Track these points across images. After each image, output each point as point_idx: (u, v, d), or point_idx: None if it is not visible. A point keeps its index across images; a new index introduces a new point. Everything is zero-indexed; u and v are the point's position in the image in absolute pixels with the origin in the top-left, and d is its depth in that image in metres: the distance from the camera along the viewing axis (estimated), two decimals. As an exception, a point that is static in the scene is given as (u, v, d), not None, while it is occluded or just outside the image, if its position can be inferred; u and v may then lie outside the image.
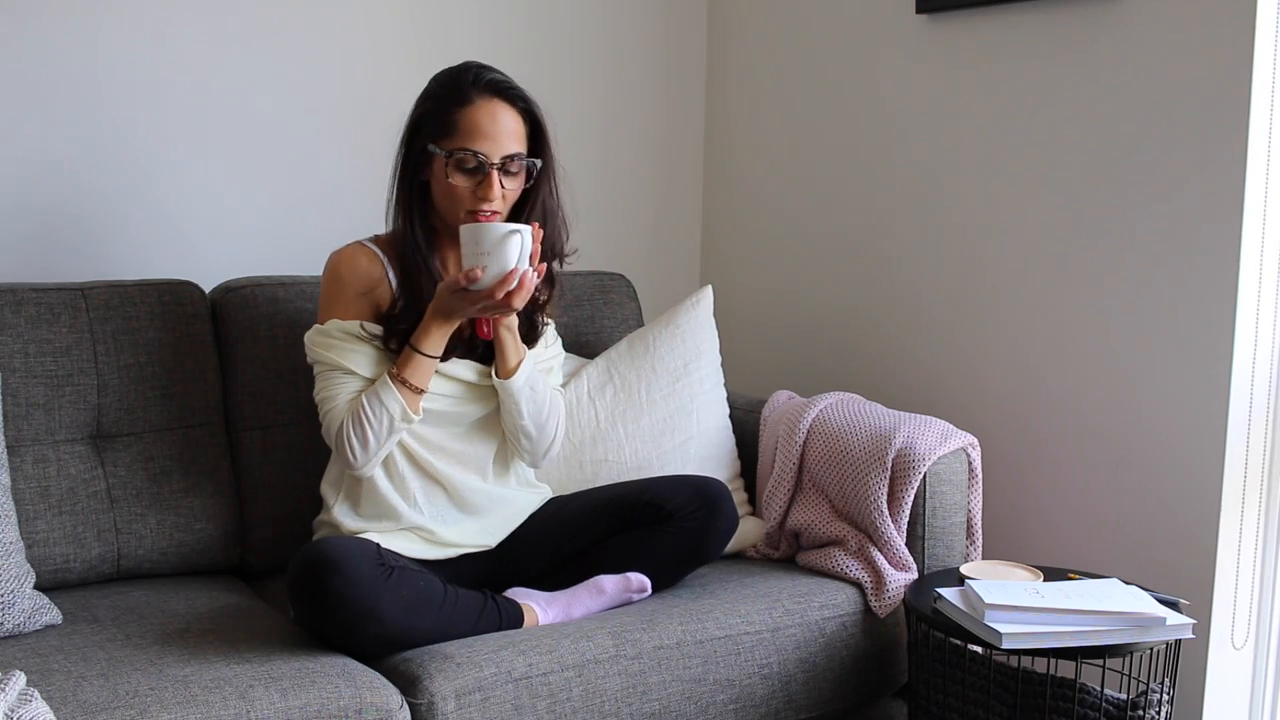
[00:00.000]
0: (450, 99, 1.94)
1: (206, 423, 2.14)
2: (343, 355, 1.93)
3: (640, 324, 2.58)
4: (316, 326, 1.97)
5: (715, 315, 2.44)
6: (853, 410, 2.28)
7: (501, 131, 1.93)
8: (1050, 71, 2.31)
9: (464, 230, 1.87)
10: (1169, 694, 1.87)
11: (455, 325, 1.92)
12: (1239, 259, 2.06)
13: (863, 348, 2.69)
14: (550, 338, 2.15)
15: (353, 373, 1.93)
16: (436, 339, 1.91)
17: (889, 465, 2.14)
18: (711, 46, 3.00)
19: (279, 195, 2.48)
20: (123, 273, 2.29)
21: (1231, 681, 2.18)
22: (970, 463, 2.22)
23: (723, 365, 2.43)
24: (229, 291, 2.20)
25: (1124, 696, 1.89)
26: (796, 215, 2.84)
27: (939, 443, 2.17)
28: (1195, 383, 2.13)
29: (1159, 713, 1.85)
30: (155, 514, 2.06)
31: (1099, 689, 1.88)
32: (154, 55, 2.32)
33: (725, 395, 2.41)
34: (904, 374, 2.61)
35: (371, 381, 1.93)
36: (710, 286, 2.46)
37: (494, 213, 1.94)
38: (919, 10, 2.51)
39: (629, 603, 2.00)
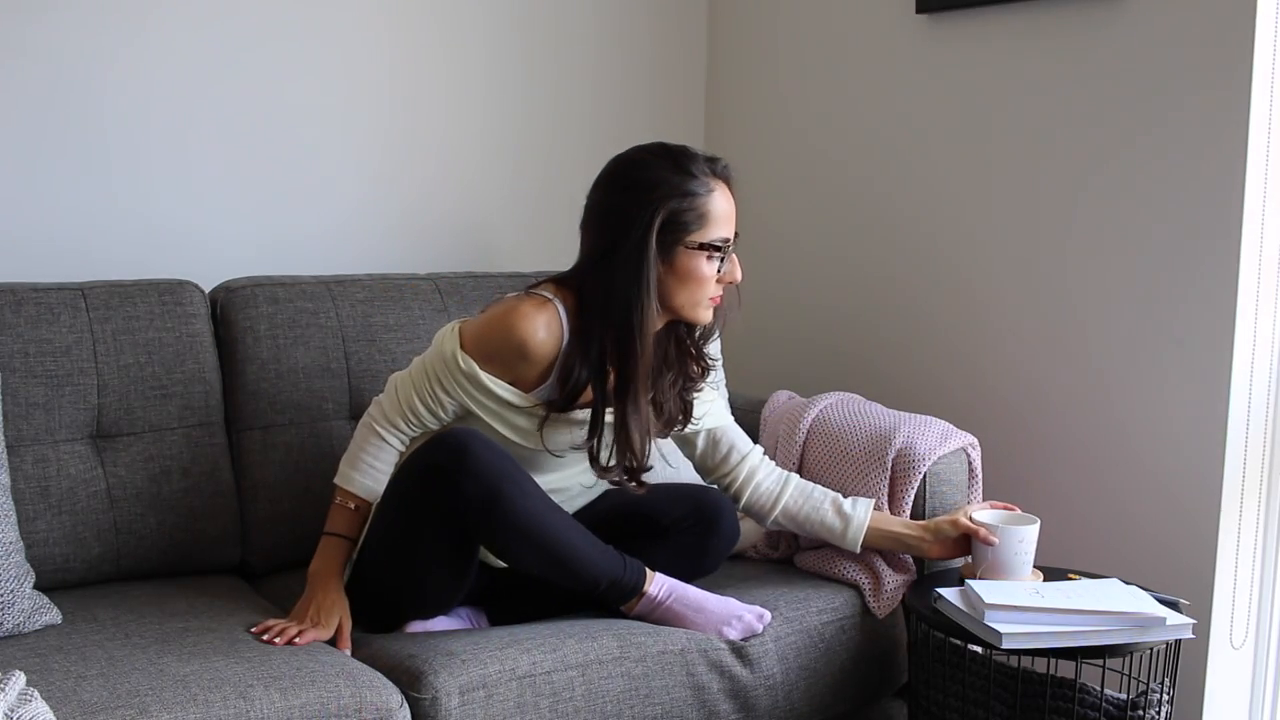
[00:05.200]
0: (693, 192, 1.85)
1: (206, 423, 2.13)
2: (458, 391, 1.88)
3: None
4: (457, 351, 1.86)
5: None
6: (853, 410, 2.28)
7: (732, 213, 1.90)
8: (1050, 71, 2.31)
9: (1016, 531, 1.96)
10: (1169, 694, 1.87)
11: None
12: (1239, 259, 2.07)
13: (863, 348, 2.69)
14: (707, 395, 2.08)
15: (452, 404, 1.89)
16: None
17: (889, 465, 2.14)
18: (711, 47, 3.00)
19: (279, 195, 2.48)
20: (123, 273, 2.28)
21: (1231, 681, 2.18)
22: (970, 463, 2.22)
23: (723, 365, 2.43)
24: (229, 291, 2.20)
25: (1124, 696, 1.89)
26: (796, 215, 2.84)
27: (939, 443, 2.17)
28: (1195, 383, 2.13)
29: (1159, 713, 1.85)
30: (155, 514, 2.06)
31: (1099, 689, 1.88)
32: (154, 55, 2.32)
33: (726, 396, 2.41)
34: (904, 374, 2.61)
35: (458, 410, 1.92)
36: (710, 287, 2.46)
37: (721, 296, 1.92)
38: (919, 10, 2.51)
39: (736, 621, 1.94)
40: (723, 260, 1.88)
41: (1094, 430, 2.29)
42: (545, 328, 1.85)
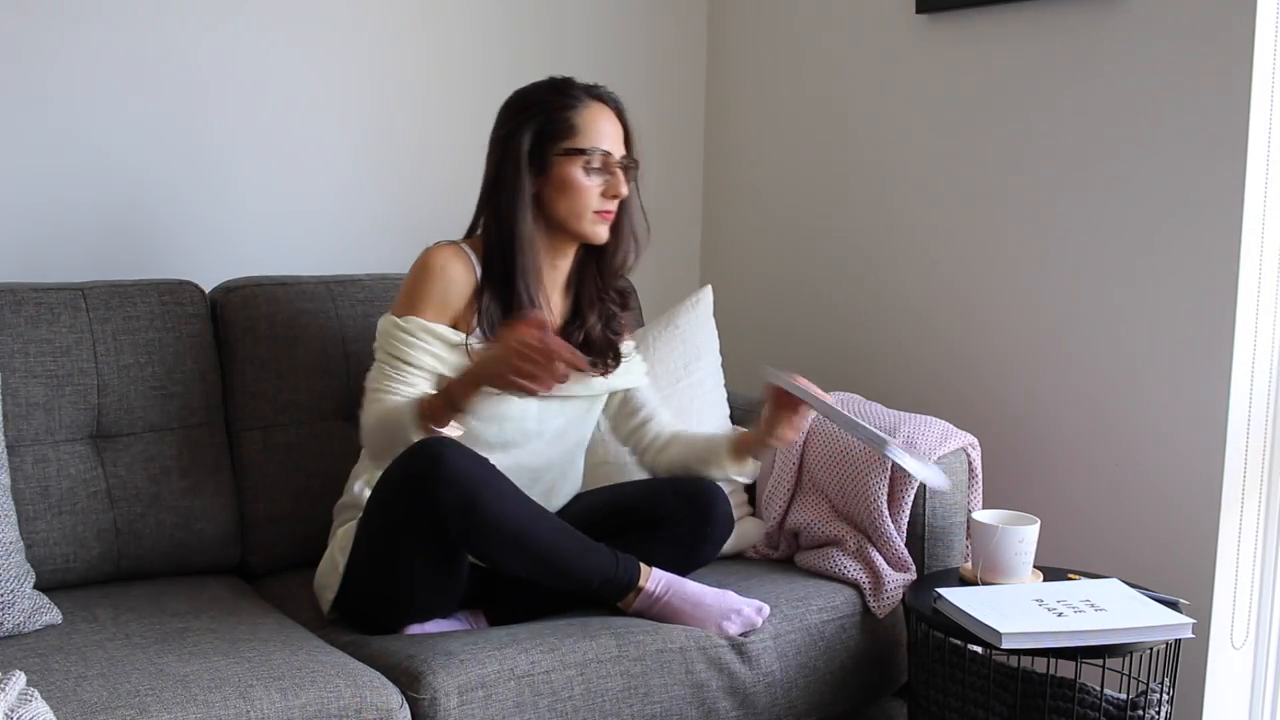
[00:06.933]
0: (564, 105, 1.97)
1: (206, 423, 2.14)
2: (418, 352, 1.92)
3: (641, 324, 2.58)
4: (394, 319, 1.94)
5: (715, 315, 2.44)
6: (853, 410, 2.28)
7: (614, 132, 2.00)
8: (1050, 72, 2.31)
9: (1015, 531, 1.98)
10: (1169, 694, 1.87)
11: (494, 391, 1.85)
12: (1239, 258, 2.07)
13: (863, 348, 2.69)
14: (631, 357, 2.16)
15: (420, 369, 1.91)
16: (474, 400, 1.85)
17: (889, 465, 2.14)
18: (711, 46, 3.00)
19: (279, 195, 2.48)
20: (123, 273, 2.28)
21: (1231, 681, 2.18)
22: (970, 463, 2.22)
23: (723, 365, 2.43)
24: (229, 291, 2.20)
25: (1124, 696, 1.89)
26: (796, 215, 2.84)
27: (939, 443, 2.17)
28: (1195, 383, 2.13)
29: (1159, 713, 1.85)
30: (155, 514, 2.06)
31: (1099, 689, 1.88)
32: (156, 57, 2.32)
33: (726, 395, 2.41)
34: (904, 374, 2.61)
35: (433, 378, 1.93)
36: (710, 286, 2.46)
37: (614, 210, 1.99)
38: (919, 10, 2.51)
39: (735, 616, 1.95)
40: (598, 170, 1.96)
41: (1094, 430, 2.29)
42: (453, 258, 1.97)
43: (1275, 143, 2.07)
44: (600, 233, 2.00)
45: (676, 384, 2.32)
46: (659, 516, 2.01)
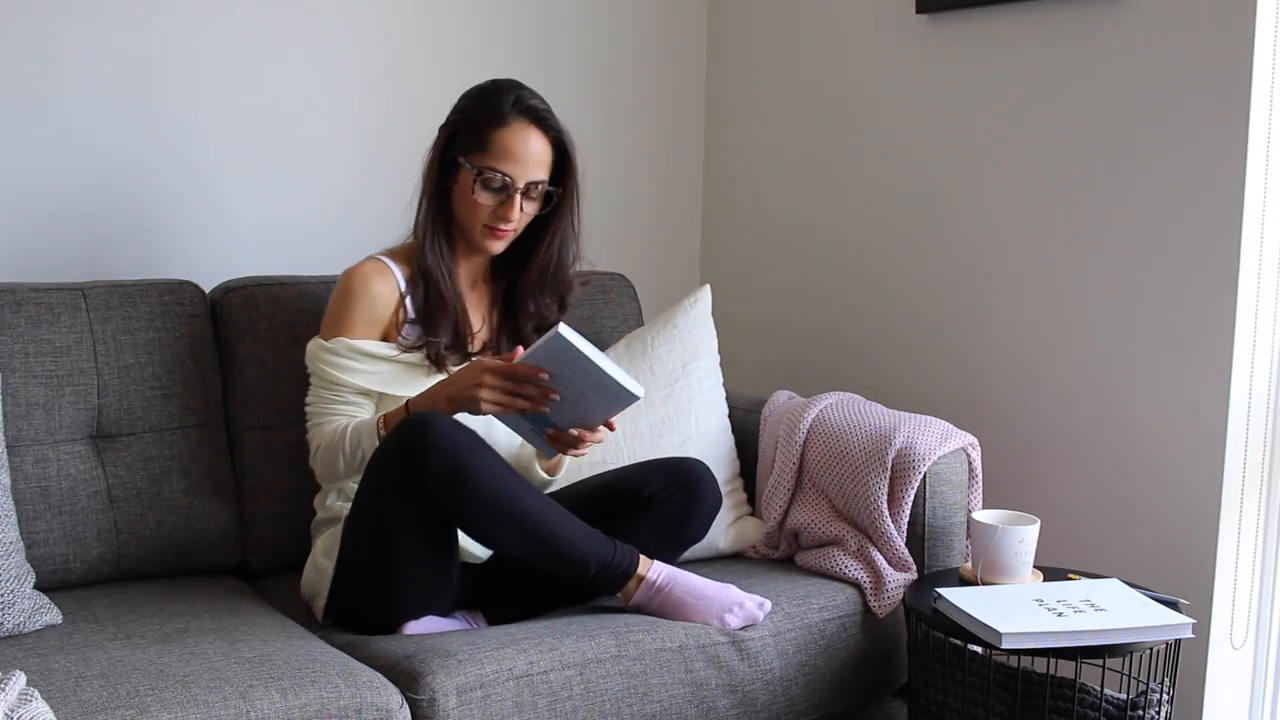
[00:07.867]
0: (487, 117, 1.99)
1: (206, 423, 2.14)
2: (347, 373, 1.97)
3: (641, 324, 2.58)
4: (321, 342, 1.99)
5: (715, 315, 2.44)
6: (853, 410, 2.28)
7: (530, 156, 1.99)
8: (1050, 71, 2.31)
9: (1015, 531, 1.96)
10: (1169, 694, 1.87)
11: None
12: (1239, 259, 2.07)
13: (863, 347, 2.69)
14: None
15: (352, 388, 1.97)
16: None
17: (889, 465, 2.14)
18: (711, 46, 3.00)
19: (280, 195, 2.48)
20: (123, 273, 2.29)
21: (1231, 681, 2.18)
22: (970, 463, 2.22)
23: (723, 365, 2.43)
24: (229, 291, 2.21)
25: (1124, 696, 1.89)
26: (797, 215, 2.84)
27: (939, 443, 2.17)
28: (1195, 383, 2.13)
29: (1159, 713, 1.85)
30: (155, 514, 2.06)
31: (1099, 689, 1.88)
32: (154, 56, 2.32)
33: (724, 395, 2.41)
34: (904, 374, 2.61)
35: (368, 395, 1.99)
36: (708, 286, 2.46)
37: (507, 230, 2.00)
38: (919, 10, 2.51)
39: (738, 609, 1.95)
40: (497, 190, 1.98)
41: (1094, 430, 2.29)
42: (373, 273, 2.01)
43: (1275, 143, 2.07)
44: (491, 246, 2.04)
45: (674, 384, 2.32)
46: (646, 496, 2.02)
